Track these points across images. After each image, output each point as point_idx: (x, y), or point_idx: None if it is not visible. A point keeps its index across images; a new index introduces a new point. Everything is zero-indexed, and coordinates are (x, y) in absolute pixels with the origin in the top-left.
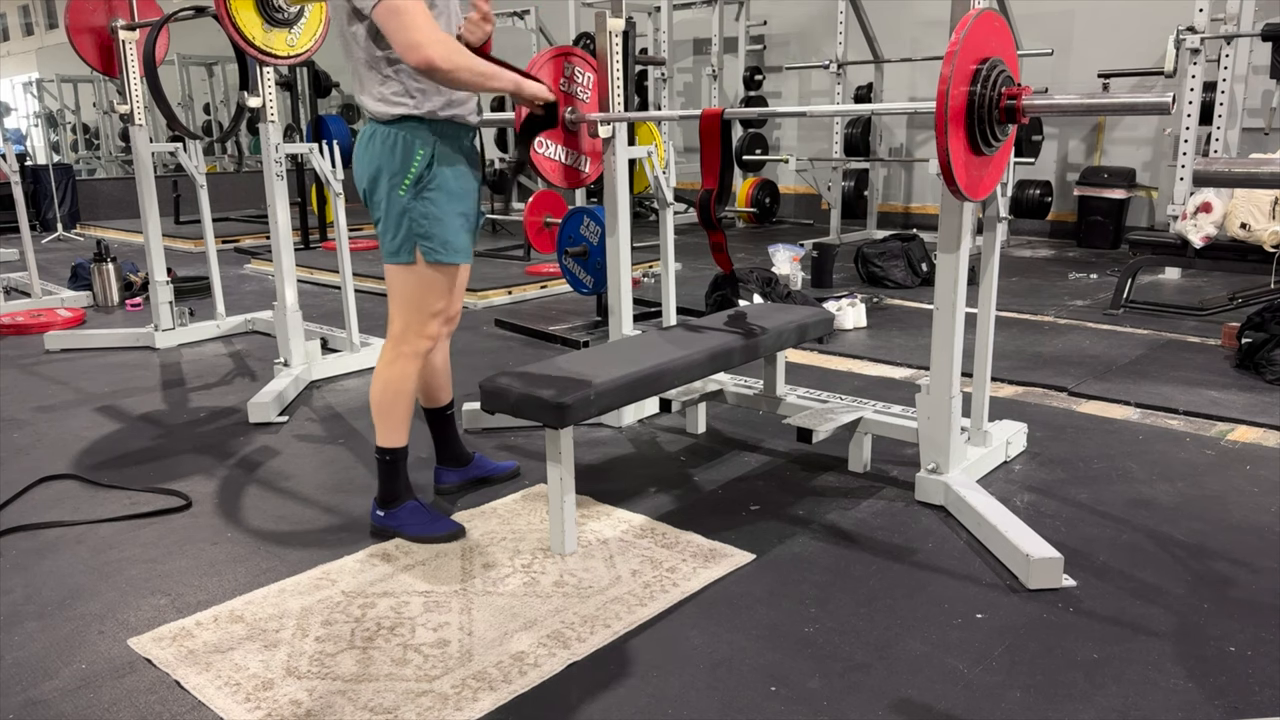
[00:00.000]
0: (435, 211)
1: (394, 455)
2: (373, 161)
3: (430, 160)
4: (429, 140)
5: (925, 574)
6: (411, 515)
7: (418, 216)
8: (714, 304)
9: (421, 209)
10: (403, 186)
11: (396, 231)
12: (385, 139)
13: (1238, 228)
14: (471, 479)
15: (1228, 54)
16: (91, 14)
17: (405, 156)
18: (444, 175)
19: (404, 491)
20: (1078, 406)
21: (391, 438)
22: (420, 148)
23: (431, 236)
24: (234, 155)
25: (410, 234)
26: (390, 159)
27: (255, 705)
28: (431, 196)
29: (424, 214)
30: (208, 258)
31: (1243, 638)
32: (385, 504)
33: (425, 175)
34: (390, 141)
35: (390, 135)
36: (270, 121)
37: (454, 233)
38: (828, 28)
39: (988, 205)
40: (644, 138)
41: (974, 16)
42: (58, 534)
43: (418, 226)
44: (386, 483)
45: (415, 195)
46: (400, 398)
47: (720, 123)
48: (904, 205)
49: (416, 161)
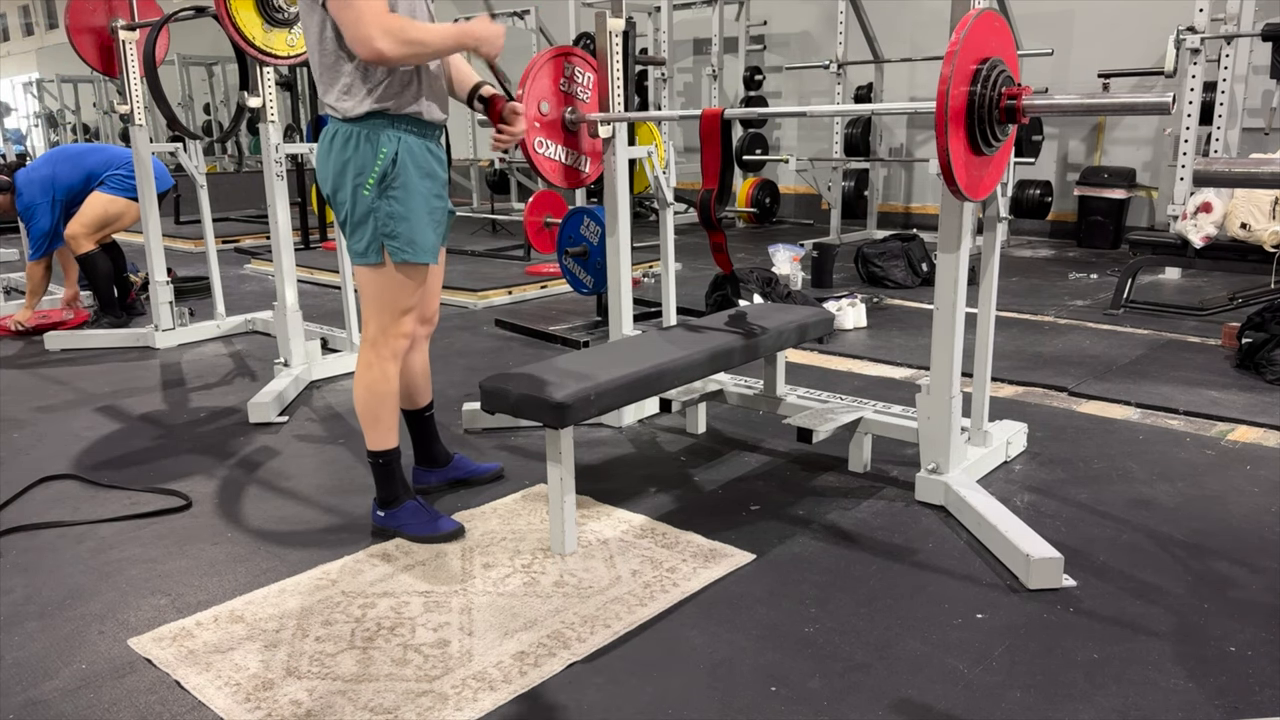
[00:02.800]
0: (401, 210)
1: (386, 458)
2: (335, 161)
3: (394, 158)
4: (393, 138)
5: (925, 574)
6: (412, 515)
7: (383, 216)
8: (714, 304)
9: (387, 208)
10: (367, 186)
11: (362, 232)
12: (347, 138)
13: (1238, 228)
14: (450, 480)
15: (1228, 54)
16: (92, 14)
17: (369, 155)
18: (409, 173)
19: (403, 492)
20: (1078, 406)
21: (381, 441)
22: (384, 146)
23: (398, 236)
24: (234, 155)
25: (377, 234)
26: (355, 158)
27: (255, 705)
28: (397, 195)
29: (390, 213)
30: (208, 258)
31: (1243, 638)
32: (385, 505)
33: (390, 173)
34: (353, 140)
35: (352, 133)
36: (270, 122)
37: (421, 232)
38: (828, 28)
39: (988, 205)
40: (644, 138)
41: (974, 16)
42: (58, 534)
43: (384, 226)
44: (384, 485)
45: (380, 194)
46: (385, 399)
47: (720, 123)
48: (904, 205)
49: (380, 160)
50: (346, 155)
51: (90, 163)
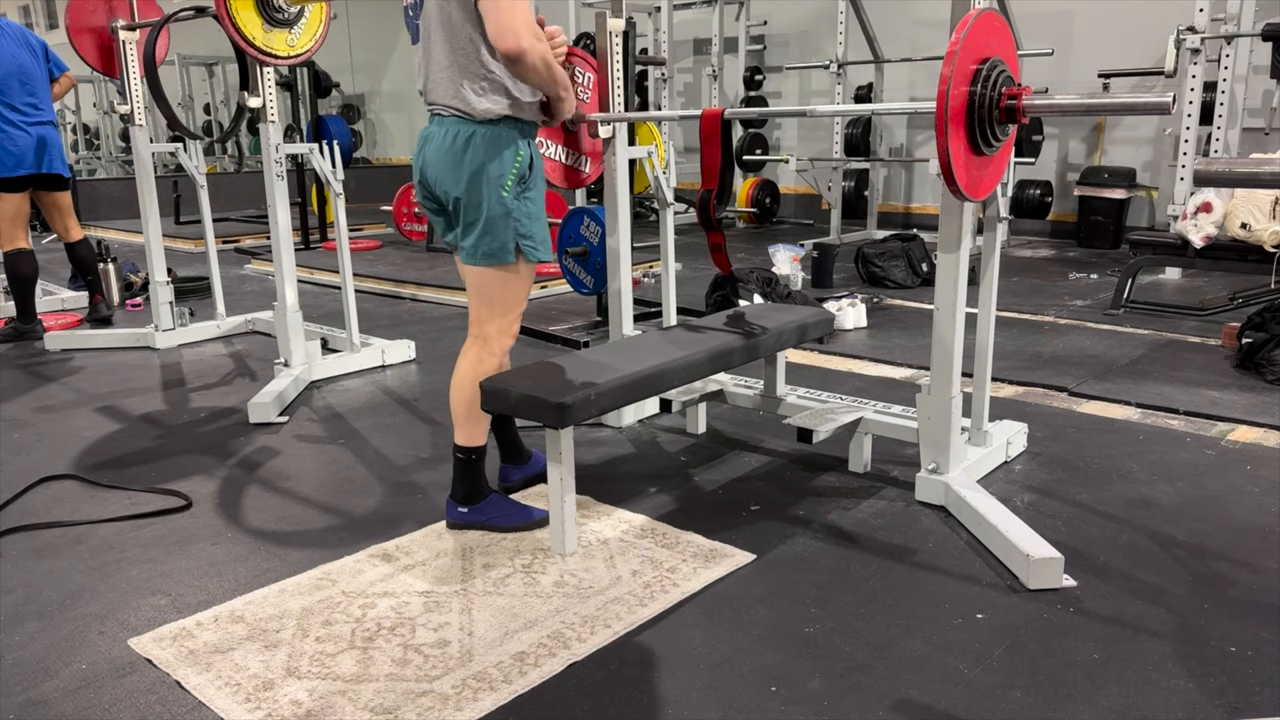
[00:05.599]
0: (534, 210)
1: (479, 454)
2: (471, 163)
3: (530, 160)
4: (524, 141)
5: (925, 574)
6: (498, 507)
7: (521, 216)
8: (714, 304)
9: (524, 209)
10: (506, 187)
11: (499, 233)
12: (487, 139)
13: (1238, 228)
14: (530, 475)
15: (1228, 54)
16: (92, 14)
17: (509, 157)
18: (539, 175)
19: (485, 486)
20: (1078, 406)
21: (476, 437)
22: (520, 148)
23: (533, 235)
24: (234, 155)
25: (515, 234)
26: (495, 159)
27: (255, 705)
28: (532, 196)
29: (526, 214)
30: (208, 258)
31: (1243, 638)
32: (468, 500)
33: (527, 176)
34: (494, 141)
35: (493, 135)
36: (270, 122)
37: (544, 231)
38: (828, 28)
39: (988, 205)
40: (644, 138)
41: (974, 16)
42: (58, 534)
43: (522, 226)
44: (470, 481)
45: (518, 195)
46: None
47: (720, 123)
48: (904, 205)
49: (519, 161)
50: (485, 157)
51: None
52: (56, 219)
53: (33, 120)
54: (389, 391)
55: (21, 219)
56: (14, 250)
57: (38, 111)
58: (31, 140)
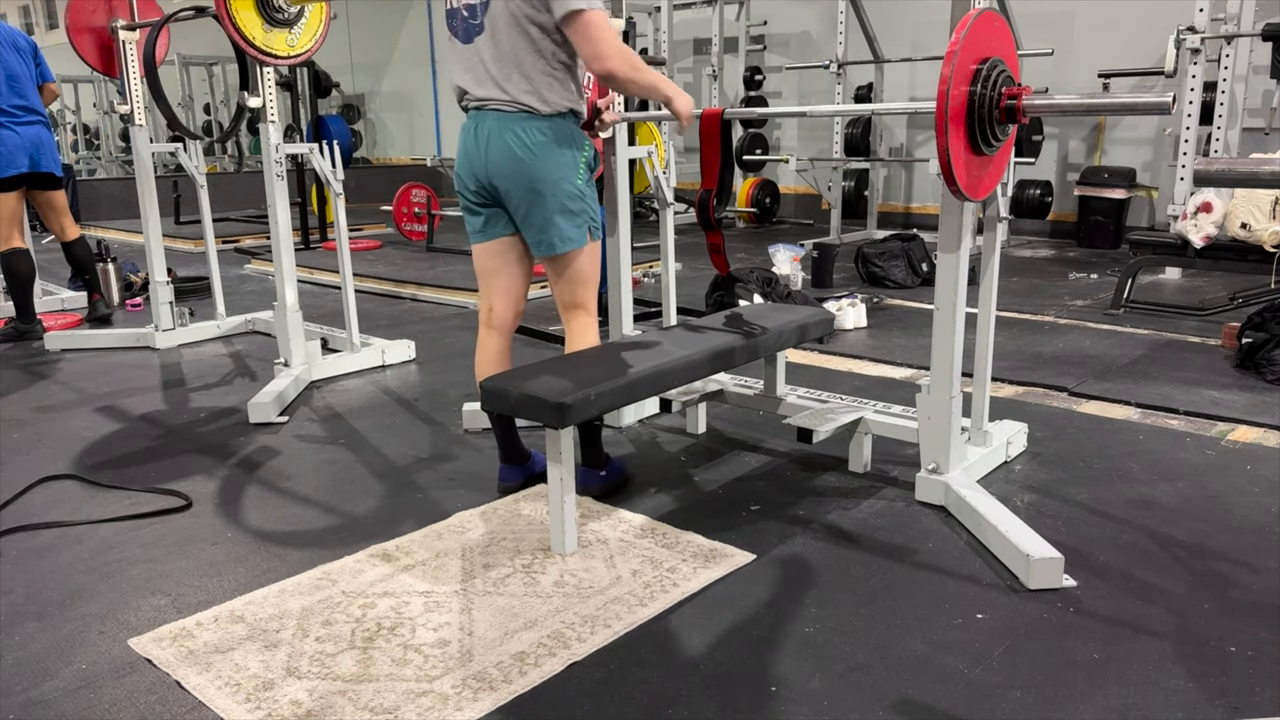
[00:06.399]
0: (595, 194)
1: (600, 420)
2: (556, 155)
3: (592, 150)
4: (582, 133)
5: (925, 574)
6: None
7: (590, 201)
8: (714, 304)
9: (591, 193)
10: (580, 175)
11: (574, 218)
12: (560, 132)
13: (1238, 228)
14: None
15: (1228, 54)
16: (91, 14)
17: (579, 148)
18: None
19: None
20: (1078, 406)
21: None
22: (585, 140)
23: (597, 217)
24: (234, 155)
25: (587, 217)
26: (570, 150)
27: (255, 705)
28: (592, 183)
29: (593, 198)
30: (208, 258)
31: (1243, 638)
32: (600, 465)
33: (591, 164)
34: (566, 134)
35: (563, 129)
36: (270, 122)
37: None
38: (828, 28)
39: (988, 205)
40: (644, 138)
41: (974, 16)
42: (58, 534)
43: (591, 209)
44: (600, 448)
45: (587, 181)
46: None
47: (720, 123)
48: (904, 205)
49: (586, 151)
50: (565, 148)
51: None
52: (52, 218)
53: (23, 121)
54: (389, 391)
55: (16, 219)
56: (10, 250)
57: (28, 112)
58: (23, 140)
